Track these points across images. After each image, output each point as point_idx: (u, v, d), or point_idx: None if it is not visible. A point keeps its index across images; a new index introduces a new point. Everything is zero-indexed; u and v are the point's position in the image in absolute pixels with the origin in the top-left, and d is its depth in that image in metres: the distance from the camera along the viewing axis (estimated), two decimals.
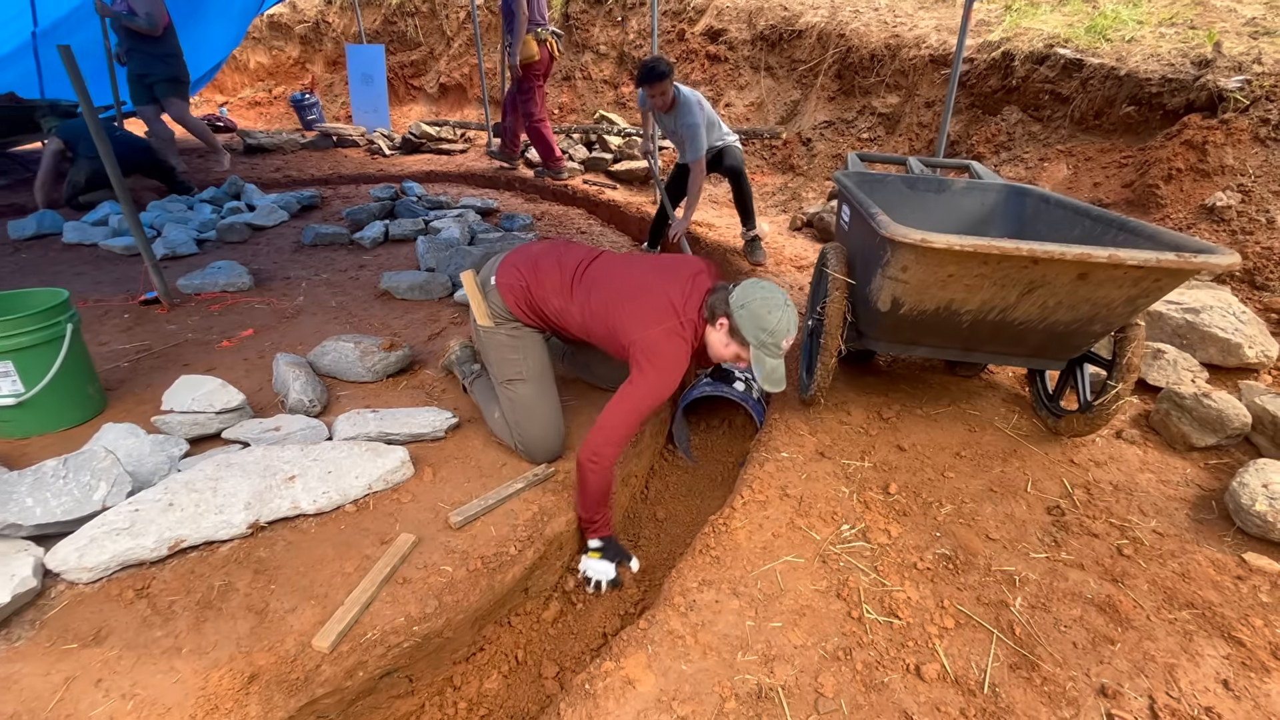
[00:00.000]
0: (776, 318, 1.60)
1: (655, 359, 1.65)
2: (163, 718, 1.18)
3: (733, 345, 1.67)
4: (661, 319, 1.69)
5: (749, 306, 1.61)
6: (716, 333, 1.69)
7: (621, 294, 1.75)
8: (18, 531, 1.48)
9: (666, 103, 3.21)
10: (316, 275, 3.32)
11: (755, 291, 1.63)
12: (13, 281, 3.23)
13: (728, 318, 1.65)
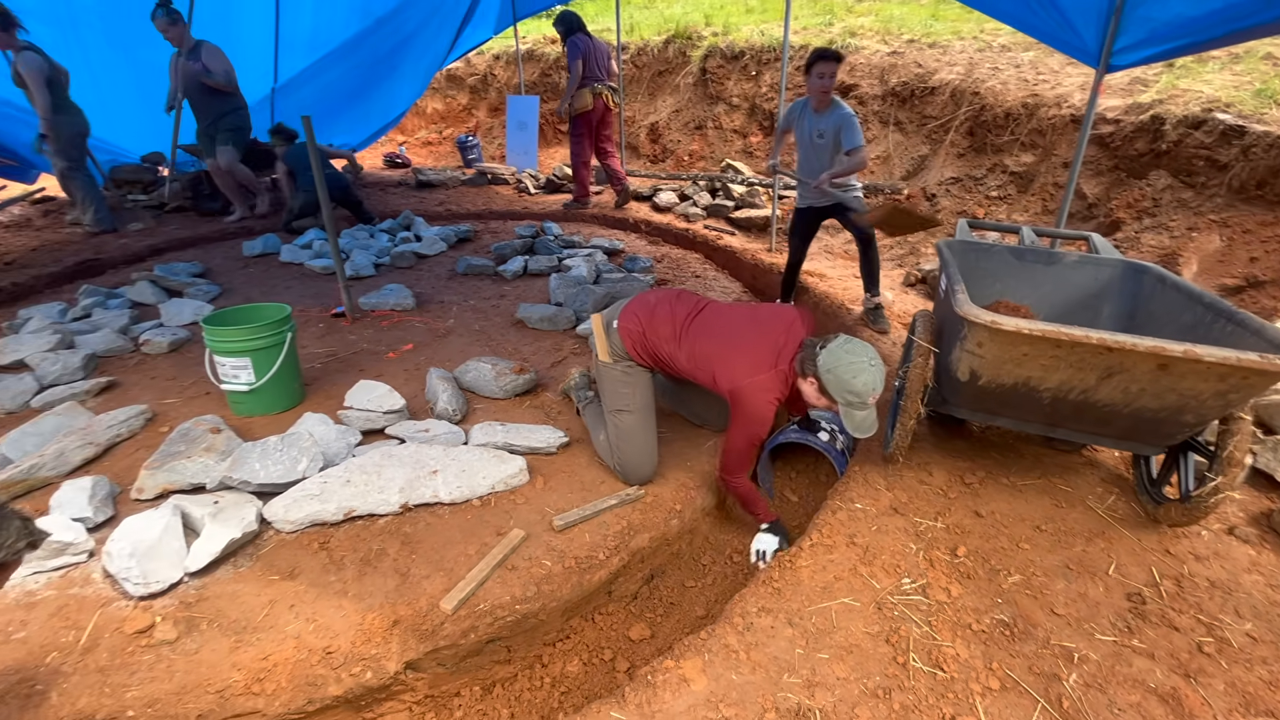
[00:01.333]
0: (861, 381, 1.78)
1: (746, 408, 1.93)
2: (333, 639, 1.57)
3: (823, 400, 1.90)
4: (755, 370, 1.94)
5: (835, 371, 1.80)
6: (808, 388, 1.91)
7: (722, 345, 2.02)
8: (246, 487, 1.98)
9: (829, 94, 3.19)
10: (465, 301, 3.87)
11: (842, 356, 1.81)
12: (242, 290, 4.08)
13: (816, 378, 1.86)
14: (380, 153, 9.29)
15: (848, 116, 3.19)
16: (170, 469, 2.04)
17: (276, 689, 1.48)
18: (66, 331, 3.26)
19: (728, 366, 1.98)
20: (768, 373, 1.94)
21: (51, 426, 2.38)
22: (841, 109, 3.23)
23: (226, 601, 1.67)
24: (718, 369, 2.00)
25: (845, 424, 1.86)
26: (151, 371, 2.98)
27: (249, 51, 6.56)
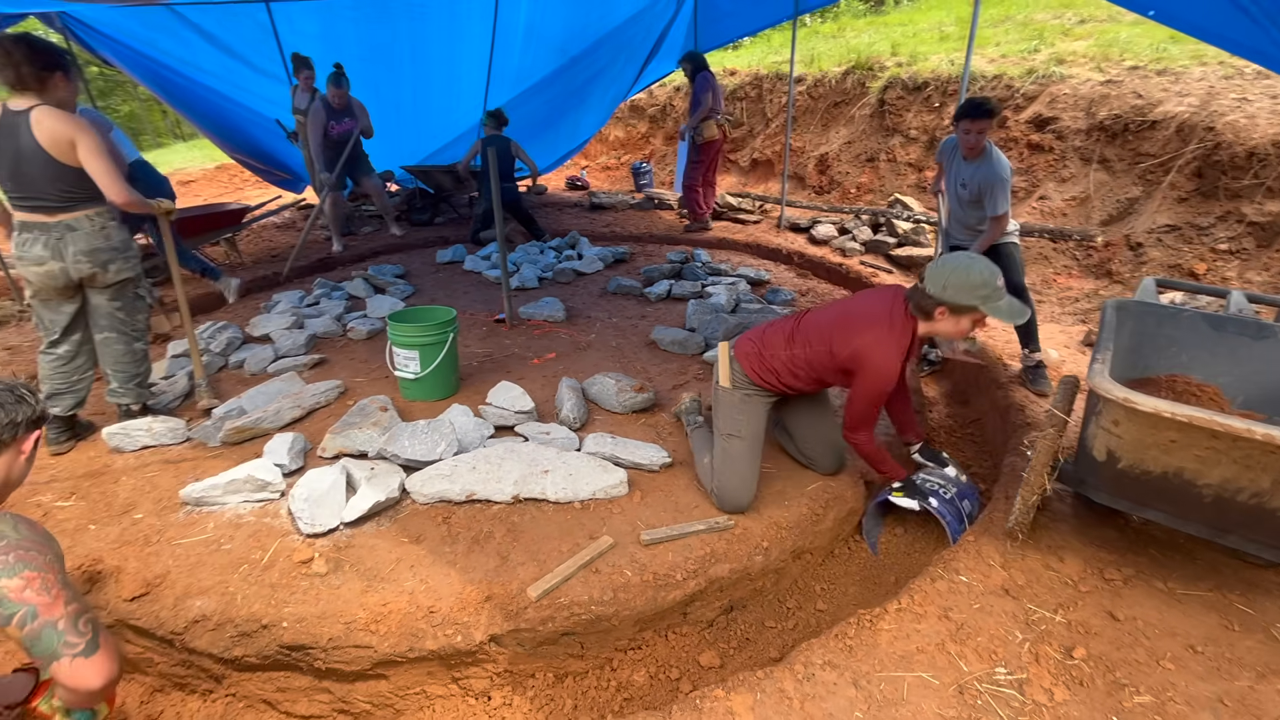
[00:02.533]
0: (977, 271, 1.85)
1: (868, 364, 2.00)
2: (437, 600, 1.82)
3: (963, 321, 1.91)
4: (873, 326, 2.03)
5: (950, 282, 1.85)
6: (942, 323, 1.93)
7: (835, 317, 2.14)
8: (396, 459, 2.36)
9: (979, 147, 2.97)
10: (609, 318, 4.15)
11: (944, 271, 1.88)
12: (430, 291, 4.77)
13: (942, 304, 1.89)
14: (564, 175, 10.19)
15: (998, 177, 2.92)
16: (346, 435, 2.49)
17: (387, 632, 1.76)
18: (300, 315, 4.08)
19: (844, 331, 2.06)
20: (885, 326, 2.00)
21: (275, 389, 3.01)
22: (992, 165, 2.95)
23: (365, 552, 2.01)
24: (835, 338, 2.07)
25: (1002, 320, 1.87)
26: (351, 354, 3.61)
27: (466, 87, 7.64)
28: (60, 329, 2.59)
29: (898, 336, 2.00)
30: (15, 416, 1.27)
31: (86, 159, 2.35)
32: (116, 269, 2.55)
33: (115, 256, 2.54)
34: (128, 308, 2.68)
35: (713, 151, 6.19)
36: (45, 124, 2.29)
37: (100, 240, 2.49)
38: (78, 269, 2.47)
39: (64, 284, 2.50)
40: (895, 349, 2.00)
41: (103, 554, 2.04)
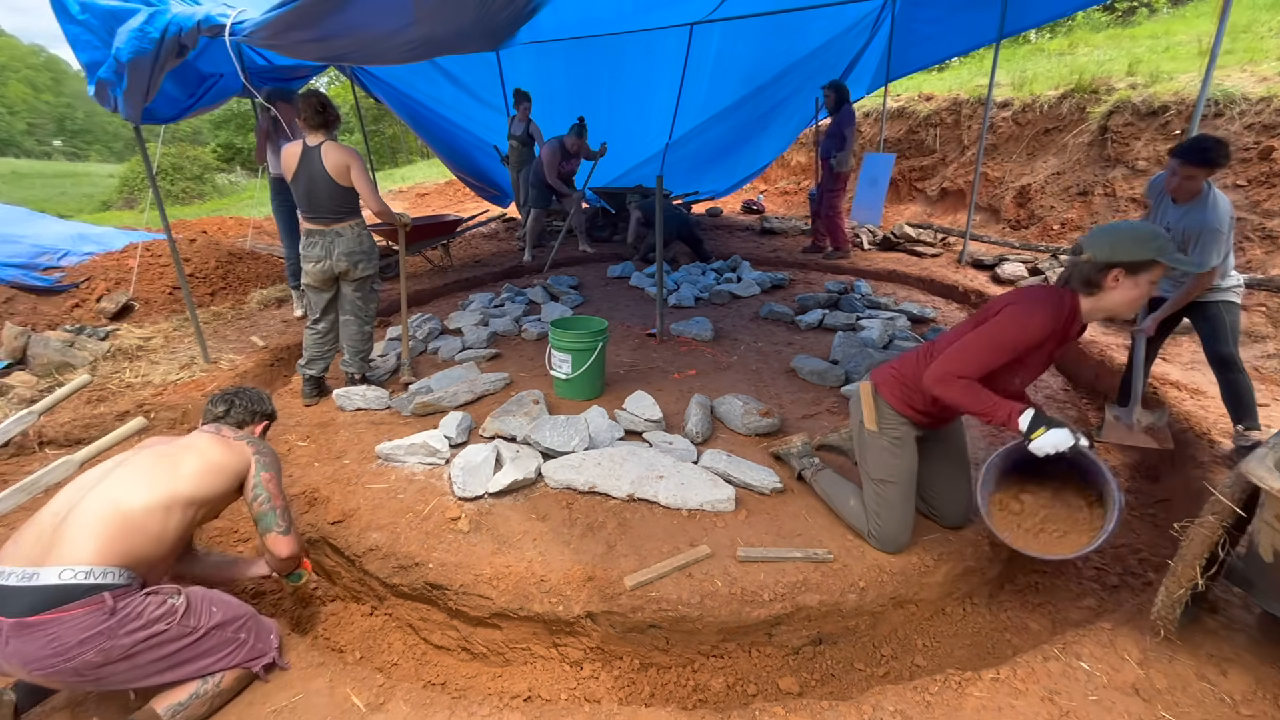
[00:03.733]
0: (1142, 225, 1.76)
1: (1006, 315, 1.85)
2: (548, 571, 2.09)
3: (1141, 281, 1.75)
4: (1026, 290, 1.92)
5: (1119, 243, 1.73)
6: (1116, 290, 1.78)
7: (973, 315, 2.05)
8: (537, 446, 2.71)
9: (1187, 191, 2.62)
10: (755, 342, 4.24)
11: (1106, 234, 1.77)
12: (600, 300, 5.23)
13: (1117, 267, 1.75)
14: (741, 199, 10.38)
15: (1209, 226, 2.54)
16: (502, 420, 2.91)
17: (504, 589, 2.07)
18: (487, 314, 4.74)
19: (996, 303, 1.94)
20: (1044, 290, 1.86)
21: (457, 375, 3.57)
22: (1205, 212, 2.57)
23: (500, 520, 2.36)
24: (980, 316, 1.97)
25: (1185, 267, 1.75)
26: (522, 351, 4.13)
27: (655, 114, 8.19)
28: (320, 310, 3.38)
29: (1056, 301, 1.82)
30: (259, 409, 2.10)
31: (357, 180, 3.11)
32: (363, 267, 3.28)
33: (364, 258, 3.27)
34: (365, 298, 3.41)
35: (845, 181, 6.47)
36: (331, 155, 3.05)
37: (356, 244, 3.23)
38: (338, 265, 3.22)
39: (329, 276, 3.26)
40: (1049, 311, 1.80)
41: (319, 485, 2.64)
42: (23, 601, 1.44)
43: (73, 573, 1.50)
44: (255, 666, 1.73)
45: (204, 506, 1.82)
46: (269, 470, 1.95)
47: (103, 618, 1.49)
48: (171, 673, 1.60)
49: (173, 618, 1.60)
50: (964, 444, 2.37)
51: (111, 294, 5.04)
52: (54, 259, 5.53)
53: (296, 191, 3.17)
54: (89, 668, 1.47)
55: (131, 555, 1.60)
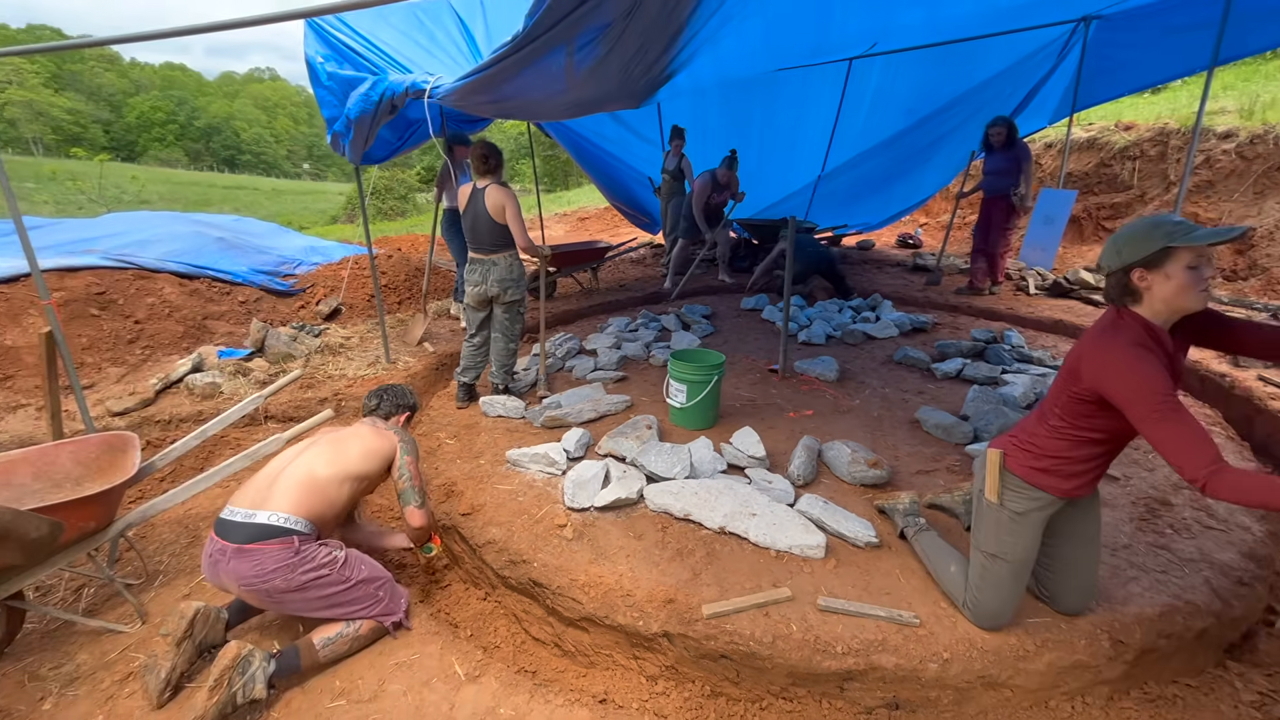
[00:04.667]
0: (1143, 221, 1.67)
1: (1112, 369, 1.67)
2: (635, 587, 2.27)
3: (1173, 274, 1.62)
4: (1089, 332, 1.82)
5: (1123, 245, 1.67)
6: (1155, 289, 1.66)
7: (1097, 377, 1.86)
8: (642, 469, 2.91)
9: None
10: (883, 388, 4.11)
11: (1114, 244, 1.70)
12: (725, 333, 5.36)
13: (1140, 268, 1.66)
14: (896, 232, 9.92)
15: None
16: (616, 441, 3.16)
17: (593, 597, 2.28)
18: (621, 338, 5.08)
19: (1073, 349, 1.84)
20: (1104, 323, 1.76)
21: (585, 394, 3.91)
22: None
23: (600, 533, 2.59)
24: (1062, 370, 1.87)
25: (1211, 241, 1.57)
26: (647, 376, 4.39)
27: (807, 147, 8.18)
28: (475, 326, 3.91)
29: (1123, 327, 1.70)
30: (403, 401, 2.45)
31: (510, 219, 3.58)
32: (512, 293, 3.75)
33: (513, 285, 3.74)
34: (513, 319, 3.88)
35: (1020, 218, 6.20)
36: (492, 197, 3.56)
37: (508, 273, 3.71)
38: (491, 290, 3.71)
39: (484, 299, 3.78)
40: (1123, 339, 1.67)
41: (457, 480, 3.07)
42: (243, 533, 1.93)
43: (277, 517, 1.97)
44: (387, 622, 2.11)
45: (364, 481, 2.28)
46: (410, 455, 2.40)
47: (289, 554, 1.93)
48: (327, 610, 2.02)
49: (333, 565, 2.02)
50: (1097, 524, 2.17)
51: (327, 299, 6.14)
52: (291, 268, 6.85)
53: (464, 224, 3.72)
54: (276, 591, 1.92)
55: (315, 512, 2.06)
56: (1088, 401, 1.81)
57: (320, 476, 2.13)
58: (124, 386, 4.44)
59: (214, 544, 1.96)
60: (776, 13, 2.92)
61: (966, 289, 6.47)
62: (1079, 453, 1.92)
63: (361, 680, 1.99)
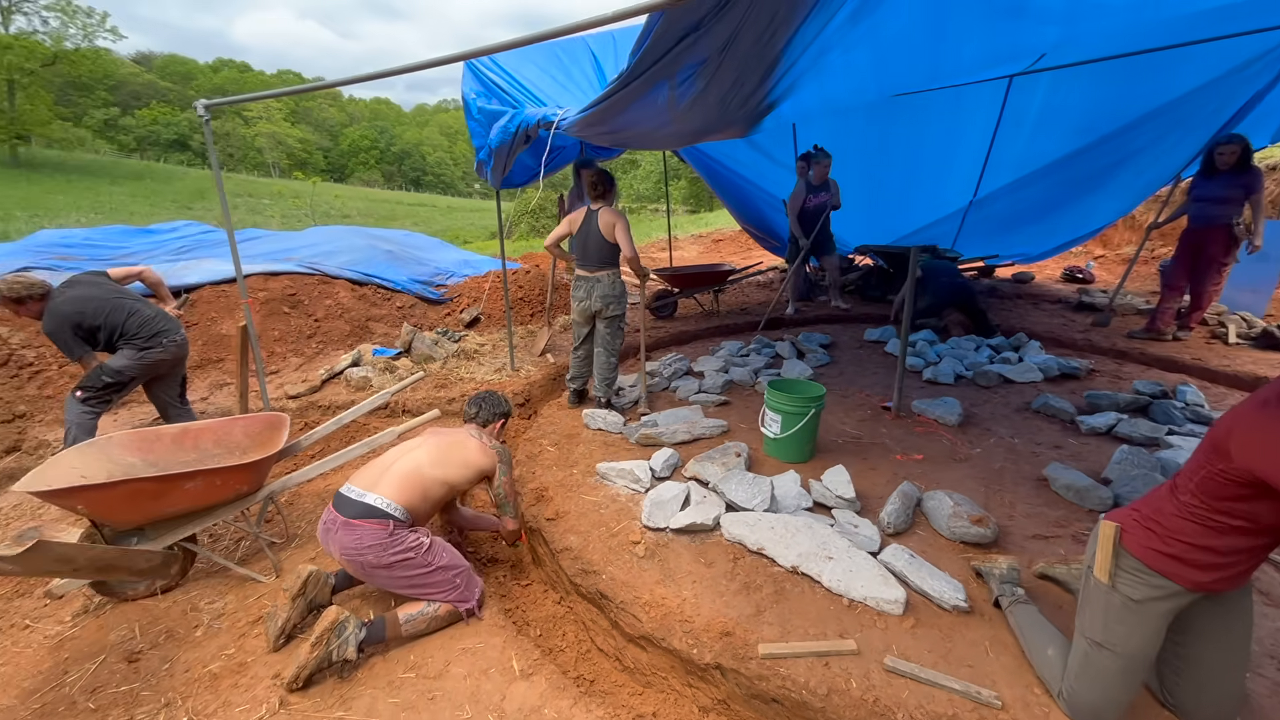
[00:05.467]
0: None
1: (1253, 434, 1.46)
2: (695, 615, 2.27)
3: None
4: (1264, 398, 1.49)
5: None
6: None
7: None
8: (722, 496, 2.90)
9: None
10: (1011, 438, 3.71)
11: None
12: (847, 363, 5.13)
13: None
14: (1063, 264, 8.85)
15: None
16: (702, 465, 3.17)
17: (653, 616, 2.31)
18: (730, 362, 5.07)
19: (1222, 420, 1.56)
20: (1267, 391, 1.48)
21: (682, 415, 3.95)
22: None
23: (672, 555, 2.62)
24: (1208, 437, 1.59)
25: None
26: (749, 403, 4.34)
27: (956, 172, 7.61)
28: (580, 340, 4.15)
29: None
30: (498, 410, 2.66)
31: (620, 235, 3.81)
32: (613, 309, 3.97)
33: (615, 301, 3.96)
34: (614, 334, 4.08)
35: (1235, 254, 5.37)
36: (604, 217, 3.83)
37: (611, 290, 3.94)
38: (595, 305, 3.94)
39: (588, 314, 4.00)
40: None
41: (549, 486, 3.25)
42: (352, 509, 2.23)
43: (381, 501, 2.24)
44: (461, 608, 2.30)
45: (459, 487, 2.54)
46: (507, 475, 2.66)
47: (384, 534, 2.19)
48: (409, 589, 2.26)
49: (419, 550, 2.25)
50: (1248, 623, 1.81)
51: (469, 308, 6.78)
52: (444, 278, 7.66)
53: (577, 243, 4.00)
54: (368, 565, 2.19)
55: (412, 502, 2.31)
56: (1236, 484, 1.53)
57: (425, 474, 2.40)
58: (300, 374, 5.24)
59: (329, 514, 2.27)
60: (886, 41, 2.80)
61: (1143, 332, 5.61)
62: (1220, 542, 1.62)
63: (431, 659, 2.20)
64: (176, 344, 3.55)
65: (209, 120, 3.49)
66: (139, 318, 3.44)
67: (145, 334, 3.43)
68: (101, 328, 3.33)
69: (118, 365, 3.37)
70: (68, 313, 3.24)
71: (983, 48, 3.33)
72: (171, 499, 2.37)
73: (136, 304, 3.48)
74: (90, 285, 3.39)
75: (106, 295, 3.40)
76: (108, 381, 3.36)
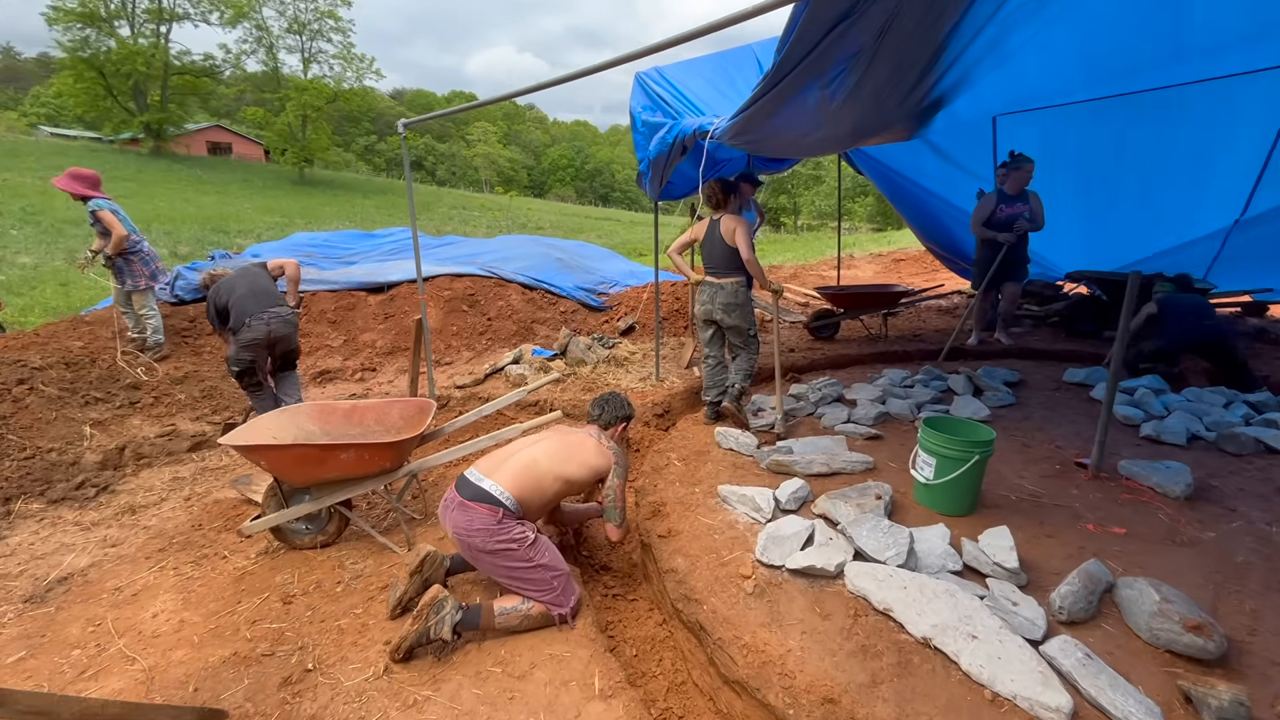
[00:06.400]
0: None
1: None
2: (799, 671, 2.02)
3: None
4: None
5: None
6: None
7: None
8: (852, 541, 2.57)
9: None
10: (1265, 524, 2.84)
11: None
12: (1031, 407, 4.36)
13: None
14: None
15: None
16: (834, 503, 2.85)
17: (750, 662, 2.10)
18: (889, 392, 4.57)
19: None
20: None
21: (823, 445, 3.63)
22: None
23: (784, 597, 2.37)
24: None
25: None
26: (904, 440, 3.85)
27: (1215, 185, 6.18)
28: (709, 346, 4.14)
29: None
30: (620, 413, 2.57)
31: (740, 239, 3.74)
32: (734, 318, 3.92)
33: (736, 310, 3.91)
34: (745, 345, 4.01)
35: None
36: (726, 223, 3.80)
37: (733, 298, 3.89)
38: (715, 313, 3.94)
39: (709, 319, 4.03)
40: None
41: (668, 501, 3.16)
42: (469, 491, 2.34)
43: (495, 489, 2.33)
44: (554, 611, 2.29)
45: (574, 485, 2.55)
46: (620, 478, 2.58)
47: (493, 520, 2.26)
48: (508, 580, 2.31)
49: (522, 544, 2.28)
50: None
51: (625, 317, 6.96)
52: (608, 287, 7.97)
53: (703, 250, 4.02)
54: (474, 548, 2.28)
55: (524, 495, 2.37)
56: None
57: (541, 468, 2.45)
58: (468, 367, 5.75)
59: (450, 493, 2.41)
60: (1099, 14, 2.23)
61: None
62: None
63: (519, 657, 2.21)
64: (263, 322, 3.90)
65: (405, 136, 3.97)
66: (237, 306, 3.90)
67: (237, 321, 3.87)
68: (222, 310, 3.95)
69: (230, 355, 3.96)
70: (210, 296, 3.97)
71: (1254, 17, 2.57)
72: (329, 466, 2.68)
73: (243, 292, 3.95)
74: (239, 274, 4.05)
75: (237, 284, 3.96)
76: (234, 370, 3.97)
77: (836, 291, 6.44)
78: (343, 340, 6.18)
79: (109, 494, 3.76)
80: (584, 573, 3.01)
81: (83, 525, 3.41)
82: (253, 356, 3.95)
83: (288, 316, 3.98)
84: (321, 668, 2.19)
